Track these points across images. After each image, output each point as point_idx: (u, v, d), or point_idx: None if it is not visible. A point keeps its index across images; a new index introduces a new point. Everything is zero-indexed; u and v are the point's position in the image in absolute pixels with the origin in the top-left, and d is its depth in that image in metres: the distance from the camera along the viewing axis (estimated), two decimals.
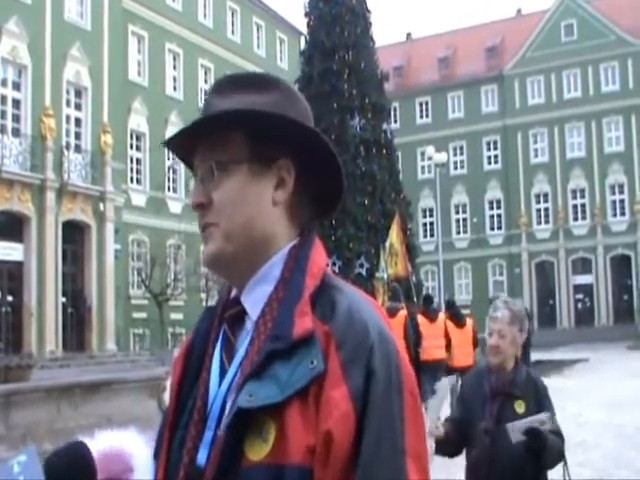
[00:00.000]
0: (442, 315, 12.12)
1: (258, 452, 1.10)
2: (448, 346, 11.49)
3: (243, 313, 1.24)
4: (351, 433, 1.08)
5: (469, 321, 12.10)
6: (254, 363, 1.14)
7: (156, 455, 1.29)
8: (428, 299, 12.50)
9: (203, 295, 31.14)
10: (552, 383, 3.09)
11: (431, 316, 11.65)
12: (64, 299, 25.58)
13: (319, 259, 1.24)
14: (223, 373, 1.22)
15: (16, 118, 24.93)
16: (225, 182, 1.22)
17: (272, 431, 1.10)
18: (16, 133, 24.67)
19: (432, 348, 11.13)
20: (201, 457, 1.17)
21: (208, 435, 1.18)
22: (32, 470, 1.25)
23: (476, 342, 11.86)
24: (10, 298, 24.04)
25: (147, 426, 1.52)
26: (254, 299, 1.23)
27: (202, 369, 1.26)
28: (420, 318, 11.56)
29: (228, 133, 1.23)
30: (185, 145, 1.28)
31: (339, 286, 1.22)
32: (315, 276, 1.20)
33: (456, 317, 12.01)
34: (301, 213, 1.27)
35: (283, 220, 1.25)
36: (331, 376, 1.10)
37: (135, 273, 31.80)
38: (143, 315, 31.32)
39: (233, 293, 1.28)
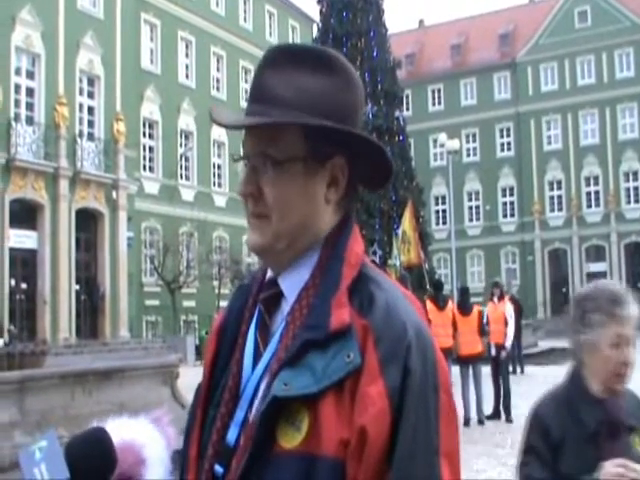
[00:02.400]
0: (451, 304, 12.05)
1: (291, 440, 1.10)
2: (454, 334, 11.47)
3: (279, 295, 1.23)
4: (386, 430, 1.07)
5: (475, 309, 12.01)
6: (289, 351, 1.14)
7: (188, 431, 1.29)
8: (438, 285, 12.42)
9: (215, 283, 31.24)
10: (565, 371, 2.88)
11: (440, 304, 11.58)
12: (77, 287, 25.72)
13: (357, 248, 1.23)
14: (257, 354, 1.22)
15: (30, 107, 25.00)
16: (280, 179, 1.19)
17: (306, 420, 1.10)
18: (30, 121, 24.76)
19: (439, 336, 11.07)
20: (231, 436, 1.19)
21: (239, 415, 1.19)
22: (53, 456, 1.25)
23: (482, 331, 11.79)
24: (24, 286, 24.17)
25: None
26: (291, 283, 1.22)
27: (235, 348, 1.26)
28: (429, 305, 11.46)
29: (283, 128, 1.19)
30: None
31: (377, 279, 1.20)
32: (353, 266, 1.19)
33: (462, 306, 11.96)
34: (346, 203, 1.26)
35: (330, 214, 1.24)
36: (368, 371, 1.09)
37: (148, 261, 31.88)
38: (156, 302, 31.45)
39: (269, 274, 1.27)
